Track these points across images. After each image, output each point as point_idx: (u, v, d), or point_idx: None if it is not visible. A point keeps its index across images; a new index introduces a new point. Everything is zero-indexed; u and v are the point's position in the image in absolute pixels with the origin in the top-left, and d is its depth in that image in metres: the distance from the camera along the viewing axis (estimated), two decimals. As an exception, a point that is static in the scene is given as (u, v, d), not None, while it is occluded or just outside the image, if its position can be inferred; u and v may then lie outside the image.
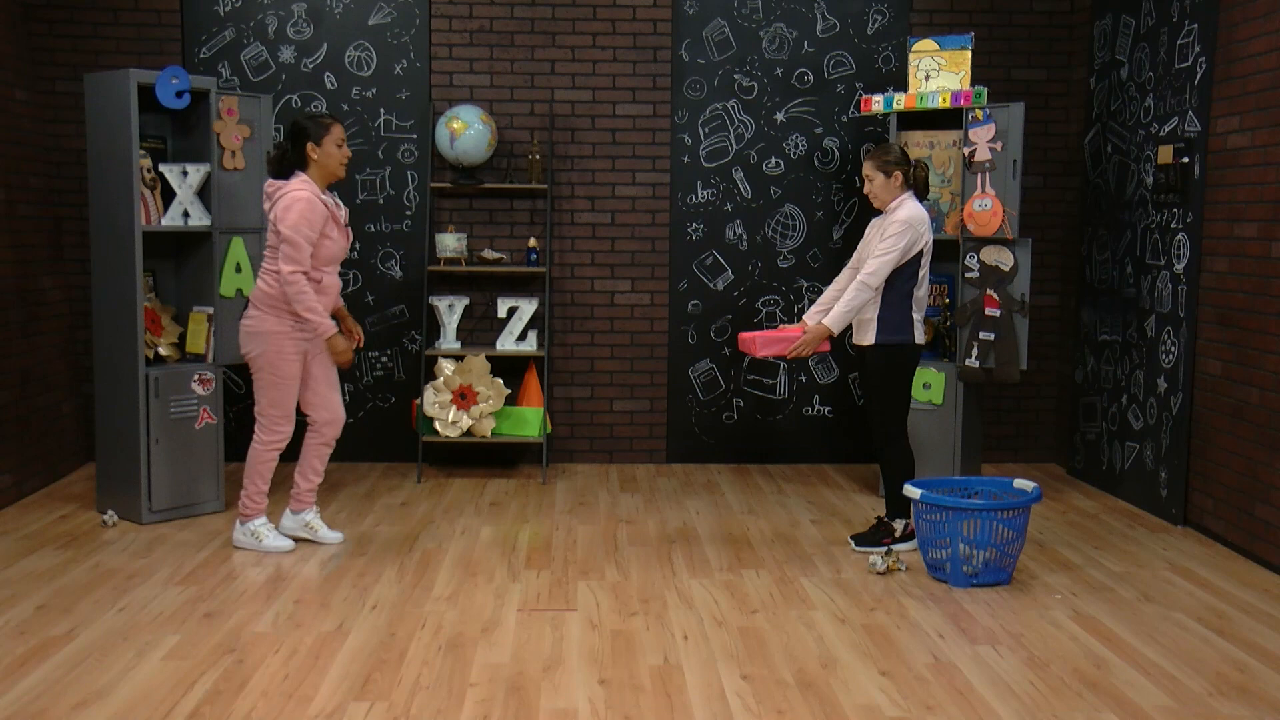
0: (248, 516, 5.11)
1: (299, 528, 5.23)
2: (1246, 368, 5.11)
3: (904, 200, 5.03)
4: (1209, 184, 5.41)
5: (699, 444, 6.97)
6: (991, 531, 4.62)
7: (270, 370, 4.91)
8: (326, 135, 4.85)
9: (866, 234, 5.21)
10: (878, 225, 5.11)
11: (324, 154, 4.85)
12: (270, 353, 4.88)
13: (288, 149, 4.86)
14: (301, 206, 4.73)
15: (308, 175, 4.86)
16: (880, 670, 3.83)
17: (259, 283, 4.93)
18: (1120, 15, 6.21)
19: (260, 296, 4.91)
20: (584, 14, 6.72)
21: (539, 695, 3.61)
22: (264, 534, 5.10)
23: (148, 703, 3.52)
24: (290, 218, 4.73)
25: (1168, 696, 3.65)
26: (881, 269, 4.93)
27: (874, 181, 5.05)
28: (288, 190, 4.80)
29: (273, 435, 5.02)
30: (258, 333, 4.88)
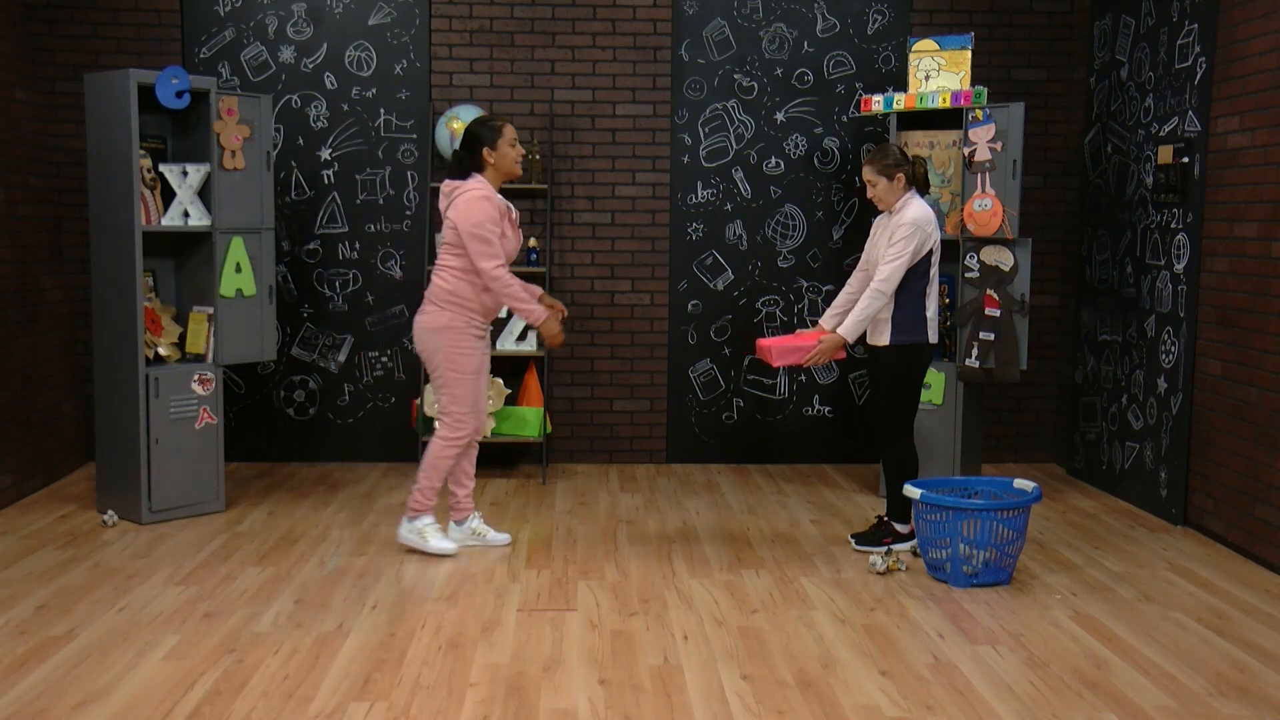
0: (416, 513, 5.04)
1: (467, 536, 5.19)
2: (1246, 368, 5.11)
3: (909, 200, 5.03)
4: (1209, 184, 5.41)
5: (699, 444, 6.97)
6: (991, 531, 4.62)
7: (450, 365, 4.91)
8: (500, 138, 4.90)
9: (873, 234, 5.21)
10: (884, 226, 5.11)
11: (499, 156, 4.91)
12: (448, 348, 4.90)
13: (463, 157, 4.93)
14: (482, 204, 4.81)
15: (484, 177, 4.91)
16: (880, 670, 3.83)
17: (436, 279, 4.95)
18: (1120, 15, 6.21)
19: (437, 293, 4.93)
20: (584, 14, 6.72)
21: (539, 695, 3.61)
22: (430, 534, 5.03)
23: (148, 703, 3.52)
24: (474, 216, 4.80)
25: (1168, 696, 3.65)
26: (894, 274, 4.93)
27: (877, 186, 5.04)
28: (465, 190, 4.87)
29: (456, 432, 4.97)
30: (435, 328, 4.91)
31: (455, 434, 4.97)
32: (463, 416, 4.96)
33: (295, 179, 6.70)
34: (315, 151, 6.70)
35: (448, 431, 4.97)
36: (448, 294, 4.92)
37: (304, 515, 5.68)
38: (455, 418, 4.96)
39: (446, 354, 4.91)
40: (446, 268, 4.93)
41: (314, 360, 6.81)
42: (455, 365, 4.92)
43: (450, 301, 4.91)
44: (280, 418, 6.82)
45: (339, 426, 6.85)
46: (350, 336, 6.81)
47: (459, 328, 4.91)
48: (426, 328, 4.94)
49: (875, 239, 5.18)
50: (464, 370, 4.92)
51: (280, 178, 6.63)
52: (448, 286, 4.91)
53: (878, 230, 5.19)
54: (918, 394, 5.14)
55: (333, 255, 6.76)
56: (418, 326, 4.99)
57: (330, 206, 6.74)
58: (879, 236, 5.14)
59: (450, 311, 4.91)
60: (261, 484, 6.31)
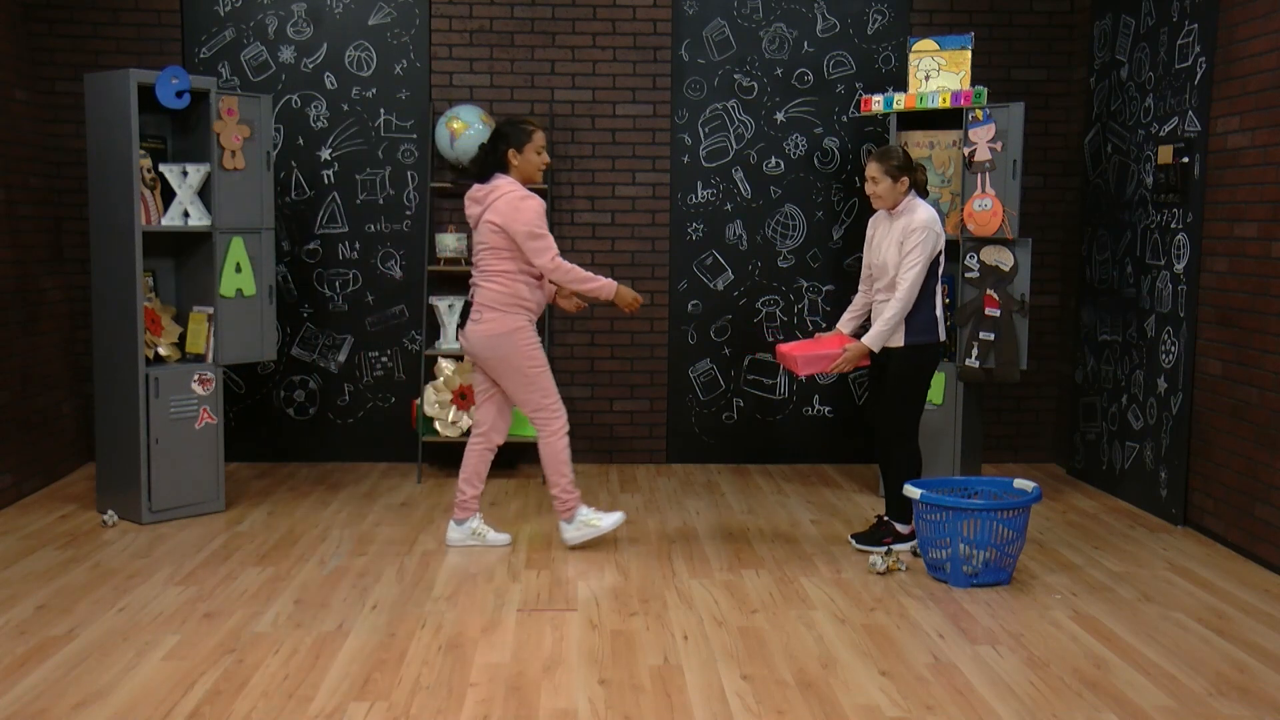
0: (570, 510, 5.11)
1: (466, 536, 5.19)
2: (1246, 368, 5.11)
3: (913, 203, 5.03)
4: (1209, 184, 5.41)
5: (699, 444, 6.97)
6: (991, 531, 4.62)
7: (529, 364, 4.97)
8: (528, 142, 4.93)
9: (874, 236, 5.17)
10: (887, 227, 5.09)
11: (524, 160, 4.94)
12: (524, 348, 4.96)
13: (488, 154, 4.97)
14: (527, 203, 4.85)
15: (512, 177, 4.95)
16: (880, 670, 3.83)
17: (489, 286, 4.96)
18: (1120, 15, 6.21)
19: (495, 299, 4.95)
20: (584, 14, 6.72)
21: (539, 695, 3.61)
22: (595, 519, 5.14)
23: (148, 703, 3.53)
24: (525, 216, 4.84)
25: (1168, 696, 3.65)
26: (916, 281, 4.95)
27: (879, 185, 5.01)
28: (504, 192, 4.89)
29: (558, 422, 5.04)
30: (504, 333, 4.94)
31: (557, 424, 5.05)
32: (556, 407, 5.04)
33: (295, 179, 6.70)
34: (315, 151, 6.70)
35: (551, 424, 5.04)
36: (508, 297, 4.95)
37: (304, 515, 5.68)
38: (550, 410, 5.04)
39: (523, 354, 4.96)
40: (499, 272, 4.94)
41: (314, 360, 6.81)
42: (534, 361, 4.98)
43: (511, 304, 4.95)
44: (280, 418, 6.83)
45: (339, 426, 6.85)
46: (350, 336, 6.81)
47: (524, 326, 4.97)
48: (494, 334, 4.95)
49: (876, 242, 5.16)
50: (542, 363, 5.01)
51: (280, 178, 6.63)
52: (506, 290, 4.94)
53: (876, 231, 5.17)
54: (925, 394, 5.17)
55: (333, 255, 6.76)
56: (481, 335, 4.97)
57: (330, 206, 6.74)
58: (881, 240, 5.12)
59: (513, 314, 4.95)
60: (261, 484, 6.31)
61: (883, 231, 5.13)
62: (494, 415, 5.17)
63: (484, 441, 5.18)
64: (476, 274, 5.03)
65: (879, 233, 5.15)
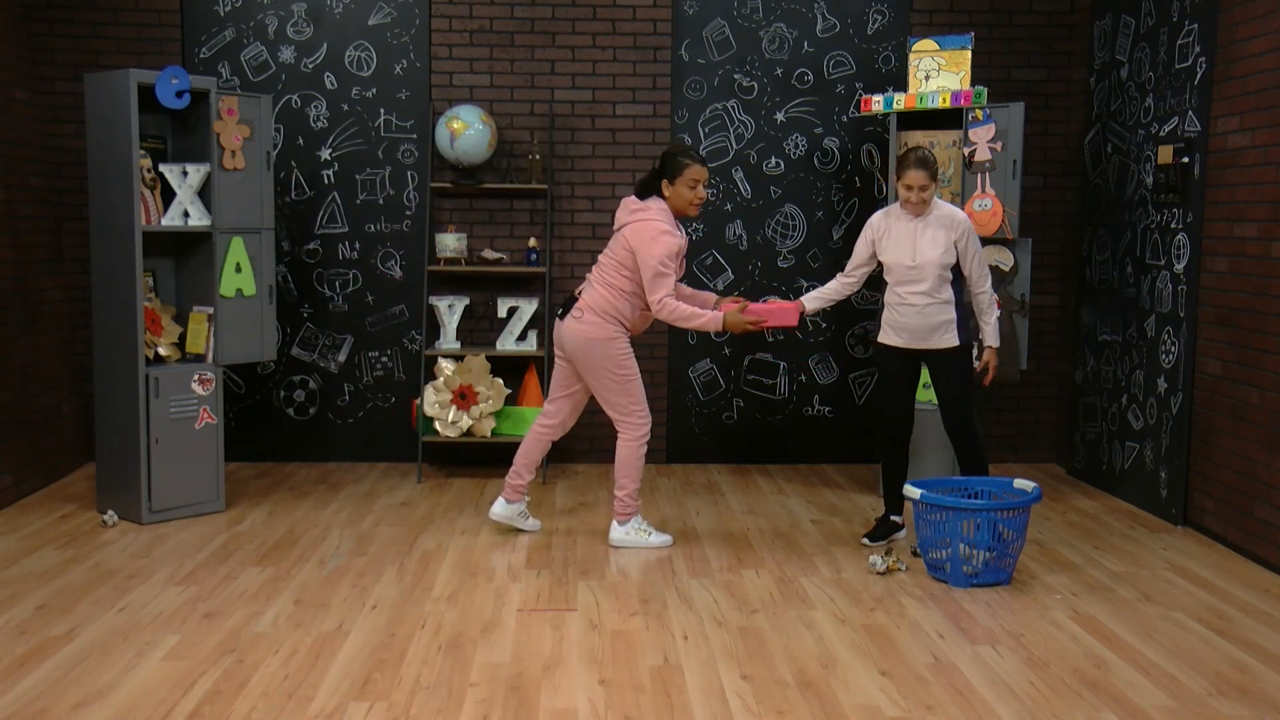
0: (626, 517, 5.22)
1: (514, 515, 5.39)
2: (1246, 368, 5.11)
3: (938, 202, 5.05)
4: (1209, 184, 5.41)
5: (699, 444, 6.97)
6: (991, 531, 4.62)
7: (621, 371, 5.10)
8: (680, 176, 5.01)
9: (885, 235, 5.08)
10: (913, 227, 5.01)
11: (674, 193, 5.04)
12: (617, 356, 5.08)
13: (650, 177, 5.11)
14: (664, 240, 4.96)
15: (666, 205, 5.06)
16: (880, 670, 3.83)
17: (601, 290, 5.09)
18: (1120, 15, 6.21)
19: (601, 304, 5.08)
20: (584, 14, 6.72)
21: (539, 695, 3.61)
22: (647, 533, 5.24)
23: (148, 703, 3.53)
24: (656, 251, 4.95)
25: (1168, 696, 3.65)
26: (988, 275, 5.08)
27: (927, 191, 4.96)
28: (647, 218, 5.01)
29: (640, 429, 5.15)
30: (600, 339, 5.06)
31: (640, 431, 5.15)
32: (642, 414, 5.16)
33: (295, 179, 6.70)
34: (315, 151, 6.70)
35: (633, 431, 5.15)
36: (611, 309, 5.08)
37: (304, 515, 5.68)
38: (637, 416, 5.15)
39: (616, 361, 5.09)
40: (612, 286, 5.07)
41: (314, 360, 6.81)
42: (626, 369, 5.10)
43: (611, 316, 5.08)
44: (280, 418, 6.82)
45: (339, 426, 6.85)
46: (350, 336, 6.81)
47: (619, 338, 5.10)
48: (591, 338, 5.06)
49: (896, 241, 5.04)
50: (633, 372, 5.12)
51: (280, 178, 6.63)
52: (614, 302, 5.07)
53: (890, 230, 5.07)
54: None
55: (333, 255, 6.76)
56: (577, 334, 5.07)
57: (330, 206, 6.74)
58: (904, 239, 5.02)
59: (612, 325, 5.08)
60: (261, 484, 6.31)
61: (906, 230, 5.04)
62: (567, 412, 5.33)
63: (549, 433, 5.37)
64: (595, 273, 5.16)
65: (897, 232, 5.06)
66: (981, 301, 5.10)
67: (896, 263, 5.07)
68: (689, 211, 5.10)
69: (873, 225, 5.18)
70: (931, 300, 5.01)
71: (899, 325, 5.10)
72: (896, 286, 5.08)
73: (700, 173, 5.05)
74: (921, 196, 4.96)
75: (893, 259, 5.08)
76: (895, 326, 5.12)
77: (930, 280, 4.99)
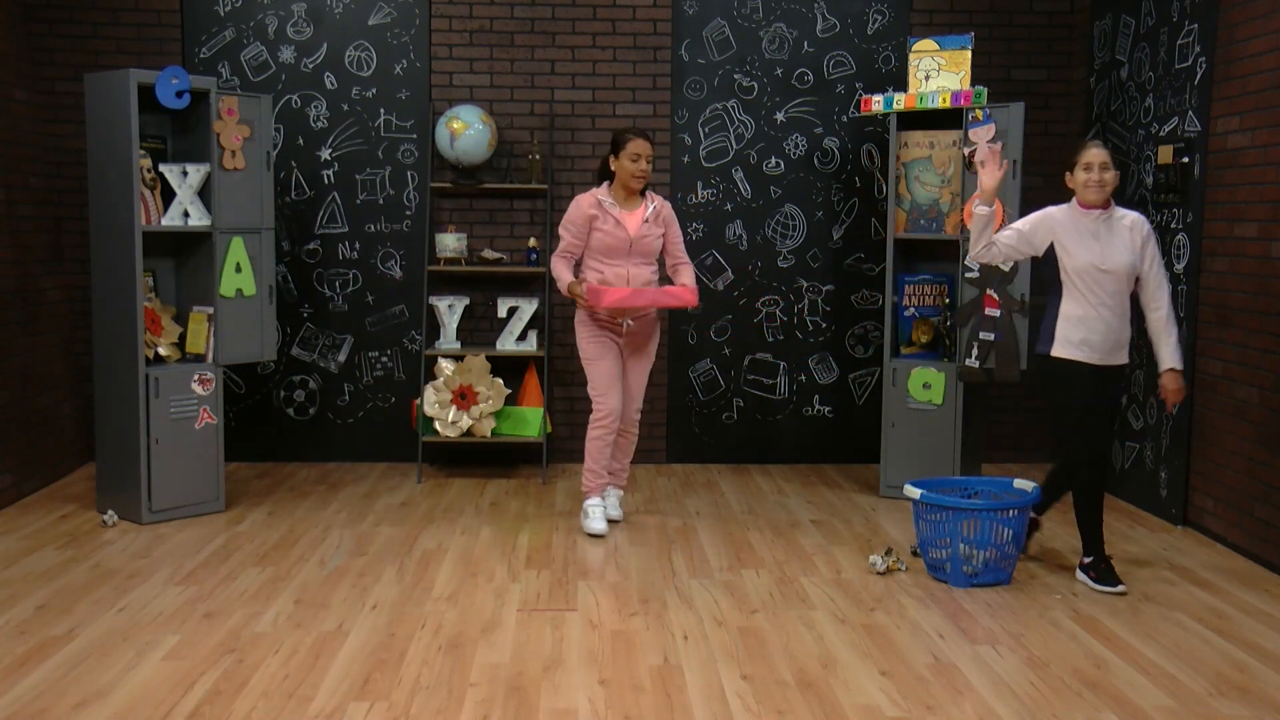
0: (585, 494, 5.54)
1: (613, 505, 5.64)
2: (1246, 368, 5.11)
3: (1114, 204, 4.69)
4: (1209, 184, 5.41)
5: (699, 444, 6.97)
6: (991, 531, 4.62)
7: (581, 354, 5.43)
8: (623, 150, 5.29)
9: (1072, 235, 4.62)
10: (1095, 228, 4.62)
11: (619, 166, 5.32)
12: (579, 339, 5.42)
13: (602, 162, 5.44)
14: (571, 207, 5.38)
15: (610, 184, 5.38)
16: (880, 670, 3.83)
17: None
18: (1120, 15, 6.21)
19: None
20: (584, 14, 6.72)
21: (539, 695, 3.61)
22: (589, 513, 5.47)
23: (148, 703, 3.52)
24: (566, 216, 5.39)
25: (1168, 696, 3.65)
26: (1168, 287, 4.67)
27: (1108, 172, 4.56)
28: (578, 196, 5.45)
29: (595, 413, 5.42)
30: (576, 324, 5.43)
31: (595, 415, 5.41)
32: (597, 400, 5.39)
33: (295, 179, 6.70)
34: (315, 151, 6.70)
35: (592, 415, 5.43)
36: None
37: (304, 515, 5.68)
38: (593, 401, 5.42)
39: (579, 344, 5.43)
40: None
41: (314, 360, 6.81)
42: (586, 353, 5.41)
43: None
44: (280, 418, 6.82)
45: (339, 426, 6.85)
46: (350, 336, 6.81)
47: (584, 319, 5.39)
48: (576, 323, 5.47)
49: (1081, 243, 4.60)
50: (593, 356, 5.38)
51: (280, 178, 6.63)
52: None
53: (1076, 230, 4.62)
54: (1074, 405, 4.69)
55: (333, 255, 6.76)
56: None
57: (330, 206, 6.74)
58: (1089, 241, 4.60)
59: (582, 309, 5.39)
60: (261, 484, 6.31)
61: (1089, 229, 4.62)
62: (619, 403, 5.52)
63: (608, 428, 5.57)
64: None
65: (1080, 231, 4.62)
66: (1161, 319, 4.63)
67: (1086, 266, 4.58)
68: (631, 184, 5.31)
69: (1052, 217, 4.71)
70: (1116, 311, 4.60)
71: (1085, 339, 4.60)
72: (1080, 294, 4.61)
73: (641, 146, 5.27)
74: (1103, 178, 4.54)
75: (1082, 261, 4.58)
76: (1079, 340, 4.61)
77: (1120, 287, 4.58)
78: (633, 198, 5.38)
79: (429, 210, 6.66)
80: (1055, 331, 4.66)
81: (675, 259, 5.52)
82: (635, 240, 5.32)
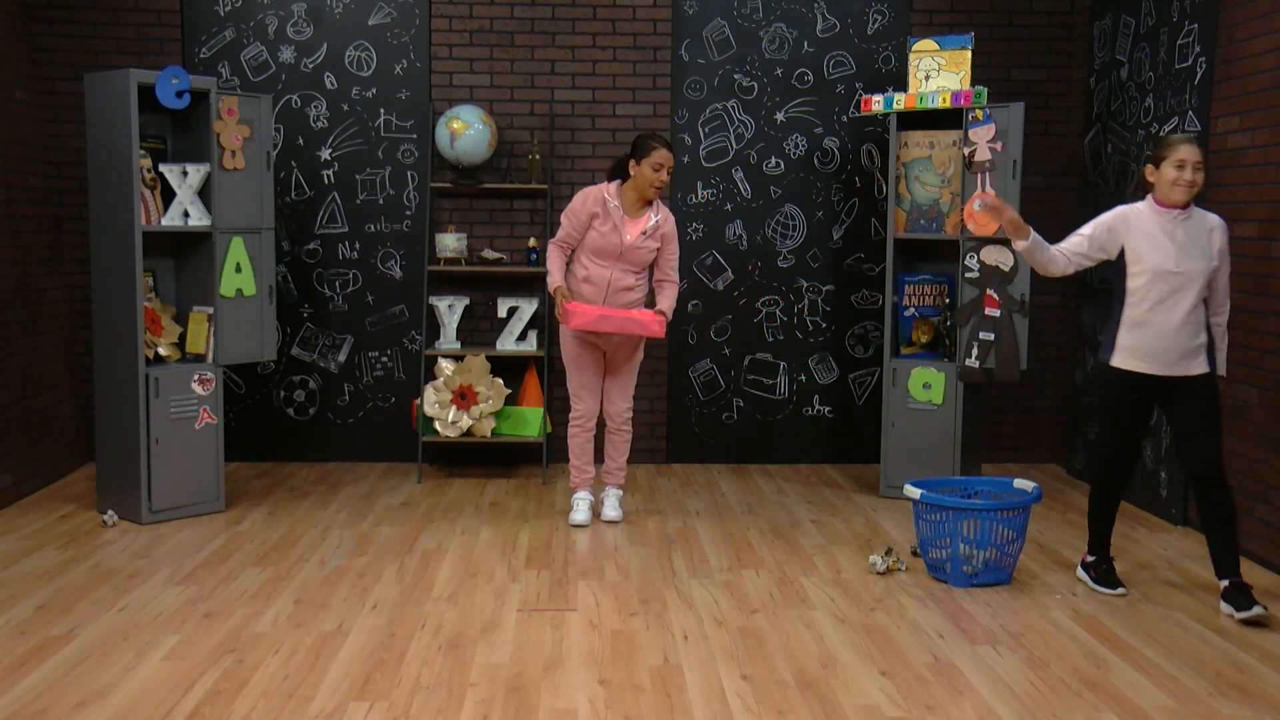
0: (572, 488, 5.68)
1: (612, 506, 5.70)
2: (1247, 368, 5.11)
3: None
4: (1209, 184, 5.40)
5: (699, 444, 6.97)
6: (991, 531, 4.62)
7: (563, 352, 5.54)
8: (646, 157, 5.28)
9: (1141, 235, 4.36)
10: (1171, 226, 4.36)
11: (638, 172, 5.30)
12: (563, 337, 5.50)
13: (620, 159, 5.43)
14: (575, 200, 5.39)
15: (623, 184, 5.37)
16: (880, 670, 3.83)
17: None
18: (1120, 15, 6.21)
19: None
20: (584, 14, 6.72)
21: (539, 695, 3.61)
22: (573, 505, 5.62)
23: (148, 703, 3.52)
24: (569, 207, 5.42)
25: (1168, 696, 3.65)
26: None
27: (1200, 172, 4.31)
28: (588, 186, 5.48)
29: (570, 412, 5.59)
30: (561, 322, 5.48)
31: (570, 415, 5.59)
32: (572, 400, 5.55)
33: (295, 179, 6.70)
34: (315, 151, 6.70)
35: (569, 414, 5.60)
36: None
37: (304, 515, 5.68)
38: (570, 400, 5.58)
39: (561, 343, 5.53)
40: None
41: (314, 360, 6.81)
42: (565, 352, 5.53)
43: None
44: (280, 418, 6.82)
45: (339, 426, 6.85)
46: (350, 336, 6.81)
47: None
48: None
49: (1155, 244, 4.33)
50: (567, 356, 5.52)
51: (280, 178, 6.63)
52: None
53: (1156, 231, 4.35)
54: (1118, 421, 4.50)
55: (333, 255, 6.76)
56: None
57: (330, 206, 6.74)
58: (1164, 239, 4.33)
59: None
60: (261, 484, 6.31)
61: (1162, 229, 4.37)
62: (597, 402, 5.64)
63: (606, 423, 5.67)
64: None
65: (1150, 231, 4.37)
66: (1221, 327, 4.46)
67: (1156, 268, 4.31)
68: (648, 193, 5.31)
69: (1125, 218, 4.45)
70: (1189, 318, 4.32)
71: (1148, 346, 4.36)
72: (1145, 299, 4.36)
73: (665, 157, 5.26)
74: (1195, 178, 4.27)
75: (1153, 264, 4.32)
76: (1142, 350, 4.37)
77: (1193, 292, 4.31)
78: (640, 204, 5.36)
79: (429, 210, 6.66)
80: (1116, 339, 4.44)
81: (663, 275, 5.49)
82: (627, 249, 5.32)
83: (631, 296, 5.40)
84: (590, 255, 5.36)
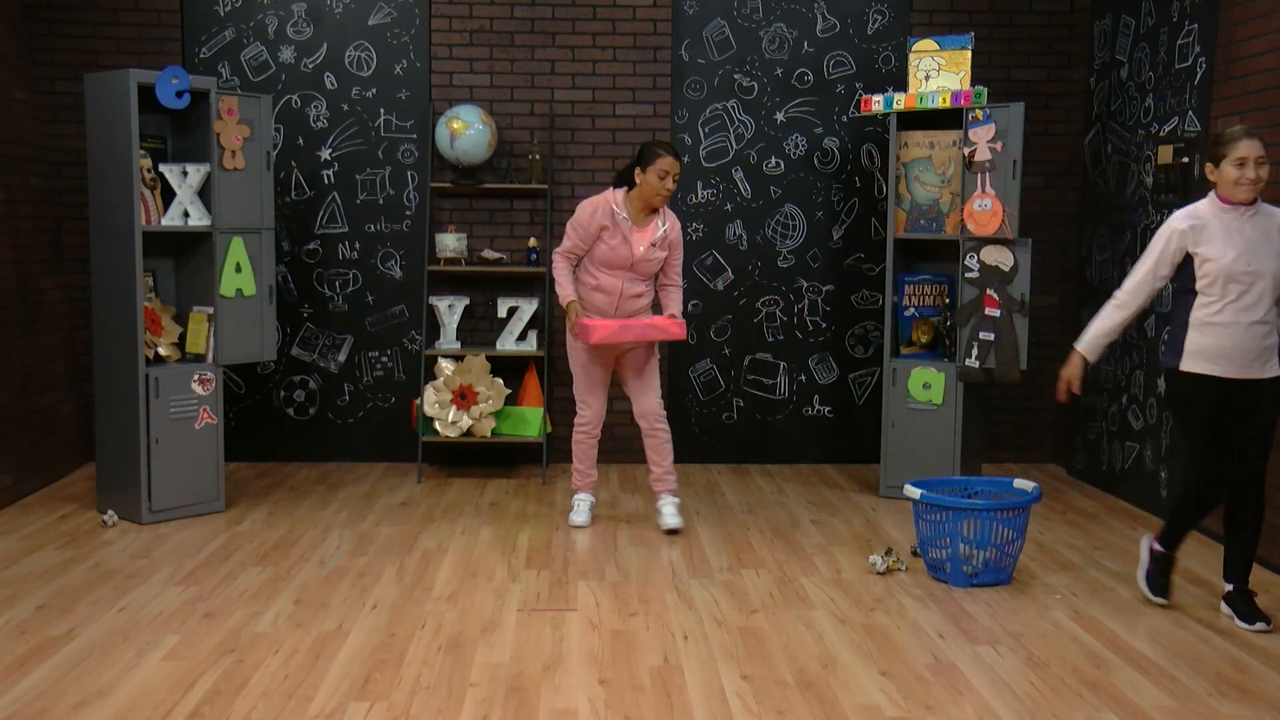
0: (574, 490, 5.67)
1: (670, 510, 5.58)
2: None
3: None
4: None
5: (699, 444, 6.97)
6: (991, 531, 4.62)
7: (570, 357, 5.51)
8: (651, 164, 5.22)
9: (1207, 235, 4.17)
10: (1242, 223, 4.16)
11: (644, 180, 5.25)
12: (570, 346, 5.49)
13: (625, 167, 5.37)
14: (578, 210, 5.33)
15: (629, 192, 5.30)
16: (880, 670, 3.83)
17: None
18: (1120, 15, 6.21)
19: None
20: (584, 14, 6.72)
21: (539, 695, 3.61)
22: (573, 506, 5.63)
23: (148, 703, 3.52)
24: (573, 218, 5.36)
25: (1168, 696, 3.65)
26: None
27: (1264, 167, 4.10)
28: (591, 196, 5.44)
29: (577, 416, 5.57)
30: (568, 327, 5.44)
31: (577, 419, 5.56)
32: (579, 404, 5.54)
33: (295, 179, 6.70)
34: (315, 151, 6.70)
35: (576, 418, 5.58)
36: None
37: (304, 515, 5.68)
38: (577, 404, 5.56)
39: (569, 347, 5.50)
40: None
41: (314, 360, 6.81)
42: (571, 360, 5.51)
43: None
44: (280, 418, 6.82)
45: (339, 426, 6.85)
46: (350, 336, 6.81)
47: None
48: None
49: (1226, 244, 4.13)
50: (574, 365, 5.50)
51: (280, 178, 6.63)
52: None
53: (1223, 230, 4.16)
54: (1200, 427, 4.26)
55: (333, 255, 6.76)
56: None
57: (330, 206, 6.74)
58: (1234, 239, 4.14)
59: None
60: (261, 484, 6.31)
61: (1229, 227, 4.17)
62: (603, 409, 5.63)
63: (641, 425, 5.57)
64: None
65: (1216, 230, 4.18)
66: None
67: (1227, 268, 4.12)
68: (654, 201, 5.27)
69: (1178, 230, 4.23)
70: (1260, 317, 4.13)
71: (1218, 349, 4.17)
72: (1215, 300, 4.17)
73: (671, 164, 5.20)
74: (1259, 174, 4.08)
75: (1223, 263, 4.13)
76: (1211, 353, 4.18)
77: (1266, 292, 4.12)
78: (647, 213, 5.34)
79: (429, 210, 6.66)
80: (1184, 343, 4.23)
81: (668, 280, 5.47)
82: (637, 261, 5.31)
83: (641, 303, 5.41)
84: (600, 265, 5.33)
